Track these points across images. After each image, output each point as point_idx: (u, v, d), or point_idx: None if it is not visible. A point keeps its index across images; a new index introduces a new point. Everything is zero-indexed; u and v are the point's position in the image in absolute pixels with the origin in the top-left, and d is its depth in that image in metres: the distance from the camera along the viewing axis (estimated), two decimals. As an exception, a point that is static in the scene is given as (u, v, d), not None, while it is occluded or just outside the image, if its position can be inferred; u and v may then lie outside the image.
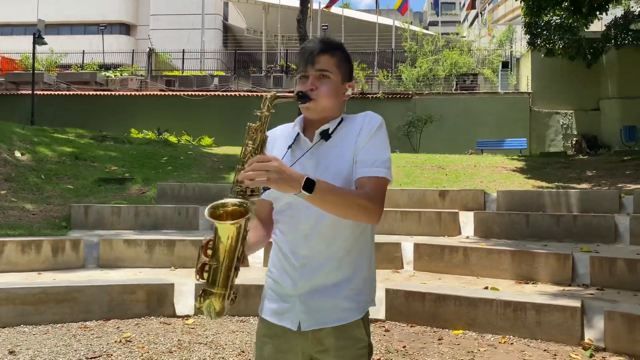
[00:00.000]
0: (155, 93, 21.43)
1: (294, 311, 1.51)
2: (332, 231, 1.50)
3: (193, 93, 20.97)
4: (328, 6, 25.36)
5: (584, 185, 8.65)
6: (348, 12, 27.69)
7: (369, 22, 26.53)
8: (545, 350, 3.80)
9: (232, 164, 10.54)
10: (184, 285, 4.86)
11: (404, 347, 3.88)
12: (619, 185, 8.25)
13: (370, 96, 19.94)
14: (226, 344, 3.92)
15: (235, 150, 12.30)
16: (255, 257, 5.91)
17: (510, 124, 18.61)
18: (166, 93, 21.31)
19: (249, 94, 21.10)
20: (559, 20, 17.20)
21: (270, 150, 1.58)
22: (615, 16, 18.13)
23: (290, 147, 1.58)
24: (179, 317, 4.61)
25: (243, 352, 3.76)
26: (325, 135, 1.54)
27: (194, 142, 16.47)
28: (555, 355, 3.70)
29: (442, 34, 26.33)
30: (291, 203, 1.52)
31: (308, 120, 1.60)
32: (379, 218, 1.47)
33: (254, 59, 28.25)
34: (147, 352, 3.71)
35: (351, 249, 1.53)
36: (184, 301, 4.76)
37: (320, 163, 1.52)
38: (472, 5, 28.41)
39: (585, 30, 17.32)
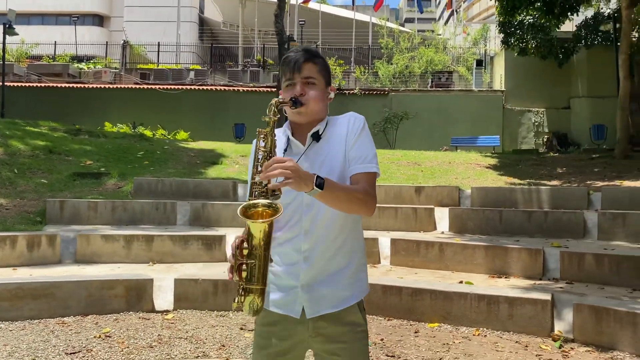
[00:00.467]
0: (129, 86, 21.13)
1: (297, 301, 1.62)
2: (329, 225, 1.64)
3: (169, 87, 20.76)
4: (305, 2, 25.35)
5: (555, 182, 8.89)
6: (325, 8, 27.75)
7: (345, 18, 26.64)
8: (517, 341, 3.94)
9: (209, 158, 10.52)
10: (163, 280, 4.87)
11: (382, 340, 3.97)
12: (588, 182, 8.52)
13: (347, 92, 20.03)
14: (206, 339, 3.95)
15: (212, 145, 12.26)
16: (234, 252, 5.94)
17: (484, 122, 18.94)
18: (141, 86, 21.04)
19: (226, 88, 20.98)
20: (532, 20, 17.56)
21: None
22: (585, 17, 18.58)
23: (285, 150, 1.69)
24: (158, 312, 4.62)
25: (223, 346, 3.80)
26: (316, 137, 1.67)
27: (169, 137, 16.33)
28: (526, 346, 3.84)
29: (418, 31, 26.57)
30: (290, 203, 1.62)
31: (295, 125, 1.71)
32: (374, 210, 1.63)
33: (230, 52, 28.09)
34: (127, 347, 3.73)
35: (346, 240, 1.67)
36: (163, 296, 4.77)
37: (315, 163, 1.64)
38: (451, 4, 28.71)
39: (557, 30, 17.73)
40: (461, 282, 4.88)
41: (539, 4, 13.98)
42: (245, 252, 1.47)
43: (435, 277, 5.12)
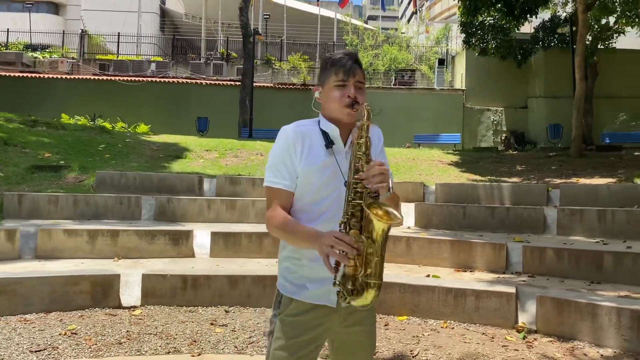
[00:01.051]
0: (88, 77, 20.53)
1: (332, 291, 1.63)
2: None
3: (129, 78, 20.27)
4: (270, -5, 25.19)
5: (515, 179, 9.17)
6: (290, 3, 27.61)
7: (310, 14, 26.61)
8: (483, 333, 4.06)
9: (172, 152, 10.34)
10: (130, 275, 4.78)
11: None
12: (546, 179, 8.82)
13: (312, 88, 20.04)
14: (177, 334, 3.90)
15: (175, 138, 12.05)
16: (202, 248, 5.89)
17: (445, 120, 19.33)
18: (100, 78, 20.47)
19: (188, 80, 20.68)
20: (493, 21, 18.01)
21: (302, 146, 1.75)
22: (543, 19, 19.21)
23: (327, 145, 1.76)
24: (125, 308, 4.53)
25: (195, 341, 3.77)
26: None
27: (129, 129, 15.95)
28: (492, 338, 3.96)
29: (382, 29, 26.80)
30: (326, 197, 1.73)
31: (341, 125, 1.78)
32: None
33: (192, 45, 27.62)
34: (95, 344, 3.64)
35: None
36: (130, 292, 4.68)
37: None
38: (416, 3, 29.05)
39: (516, 31, 18.25)
40: (428, 275, 4.98)
41: (500, 5, 14.34)
42: (370, 249, 1.53)
43: (403, 271, 5.21)
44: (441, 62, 21.12)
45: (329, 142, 1.75)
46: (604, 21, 18.37)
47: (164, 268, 5.06)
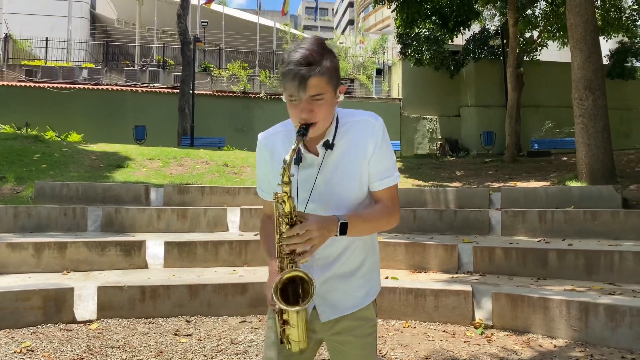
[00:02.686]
0: (13, 84, 19.40)
1: (311, 304, 1.57)
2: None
3: (60, 85, 19.35)
4: (208, 2, 24.87)
5: (456, 184, 9.56)
6: (228, 10, 27.41)
7: (249, 22, 26.51)
8: (444, 331, 4.22)
9: (113, 162, 10.00)
10: (83, 289, 4.58)
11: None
12: (486, 184, 9.26)
13: (252, 95, 19.97)
14: (141, 346, 3.79)
15: (114, 147, 11.64)
16: (155, 259, 5.74)
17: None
18: (27, 84, 19.40)
19: (123, 88, 20.01)
20: (427, 33, 18.69)
21: (272, 151, 1.63)
22: (473, 32, 20.15)
23: (297, 163, 1.56)
24: (80, 322, 4.34)
25: (161, 352, 3.67)
26: (329, 146, 1.56)
27: (61, 138, 15.21)
28: (453, 334, 4.13)
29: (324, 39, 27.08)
30: (307, 209, 1.57)
31: (307, 141, 1.56)
32: (398, 220, 1.64)
33: (125, 51, 26.80)
34: (56, 360, 3.47)
35: (358, 242, 1.64)
36: (84, 305, 4.49)
37: (333, 173, 1.58)
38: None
39: (450, 43, 19.04)
40: (387, 277, 5.10)
41: (435, 18, 14.96)
42: (284, 317, 1.51)
43: (362, 275, 5.30)
44: (379, 72, 21.66)
45: (297, 158, 1.55)
46: (528, 35, 19.54)
47: (118, 280, 4.89)
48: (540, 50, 20.28)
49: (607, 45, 19.57)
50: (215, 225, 6.91)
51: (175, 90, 19.01)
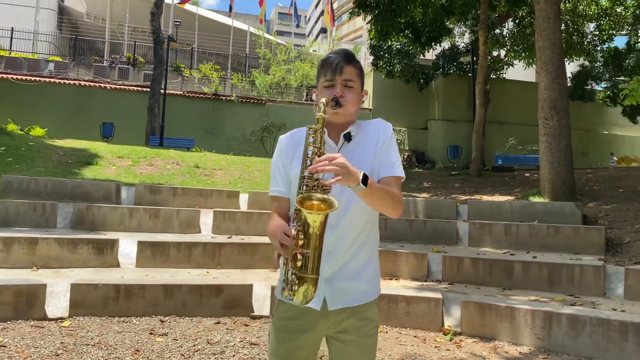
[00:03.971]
0: (-26, 73, 18.75)
1: (319, 293, 1.62)
2: (354, 221, 1.69)
3: (24, 77, 18.81)
4: (182, 2, 24.68)
5: (425, 195, 9.80)
6: (202, 12, 27.22)
7: (223, 24, 26.40)
8: (415, 336, 4.36)
9: (81, 158, 9.81)
10: (55, 286, 4.52)
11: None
12: (453, 195, 9.53)
13: (224, 98, 19.89)
14: (116, 344, 3.77)
15: (83, 144, 11.42)
16: (127, 258, 5.69)
17: (354, 136, 20.00)
18: (-10, 74, 18.79)
19: (91, 84, 19.61)
20: (400, 46, 19.08)
21: (294, 152, 1.72)
22: (443, 48, 20.67)
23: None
24: (51, 319, 4.28)
25: (138, 351, 3.67)
26: (348, 138, 1.71)
27: (22, 132, 14.80)
28: (424, 340, 4.27)
29: (295, 45, 27.26)
30: None
31: (329, 124, 1.70)
32: (401, 211, 1.71)
33: (94, 47, 26.24)
34: (30, 357, 3.43)
35: (368, 237, 1.74)
36: (56, 303, 4.43)
37: (349, 160, 1.63)
38: (333, 22, 29.81)
39: (420, 57, 19.47)
40: (360, 284, 5.21)
41: (408, 32, 15.30)
42: (300, 242, 1.48)
43: (335, 280, 5.40)
44: (350, 81, 21.91)
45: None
46: (495, 53, 20.18)
47: (90, 278, 4.84)
48: (506, 68, 20.96)
49: (569, 68, 20.38)
50: (188, 227, 6.89)
51: (145, 89, 18.76)
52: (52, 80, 19.25)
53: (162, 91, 17.35)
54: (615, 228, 6.56)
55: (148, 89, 17.59)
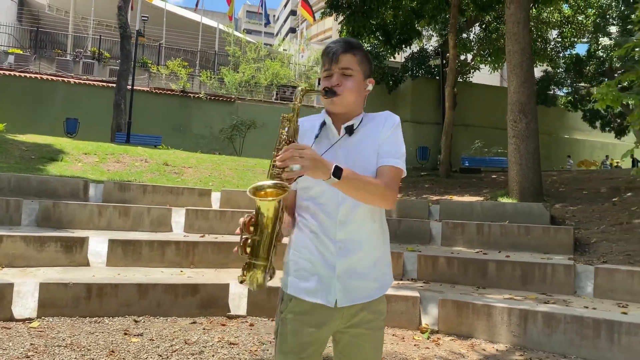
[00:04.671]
0: None
1: (331, 290, 1.63)
2: (363, 218, 1.66)
3: (-19, 69, 18.10)
4: (150, -3, 24.22)
5: (396, 195, 9.86)
6: (170, 7, 26.76)
7: (191, 21, 26.01)
8: (393, 334, 4.37)
9: (46, 154, 9.49)
10: (22, 285, 4.34)
11: (275, 339, 4.07)
12: (424, 196, 9.63)
13: (192, 95, 19.58)
14: (90, 345, 3.65)
15: (47, 139, 11.07)
16: (98, 256, 5.52)
17: (323, 136, 20.01)
18: (-56, 65, 17.99)
19: (54, 78, 19.00)
20: (370, 48, 19.19)
21: (301, 140, 1.65)
22: (412, 51, 20.91)
23: (317, 135, 1.69)
24: (18, 320, 4.11)
25: (113, 352, 3.56)
26: (350, 131, 1.68)
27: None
28: (403, 338, 4.28)
29: (265, 44, 27.09)
30: (325, 191, 1.63)
31: (332, 114, 1.71)
32: (394, 203, 1.64)
33: (56, 40, 25.47)
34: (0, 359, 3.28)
35: (378, 235, 1.72)
36: (23, 303, 4.26)
37: (349, 158, 1.65)
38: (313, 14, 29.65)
39: (391, 60, 19.65)
40: (337, 283, 5.20)
41: (379, 33, 15.41)
42: (251, 229, 1.48)
43: (312, 279, 5.37)
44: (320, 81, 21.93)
45: (318, 134, 1.69)
46: (462, 57, 20.54)
47: (60, 277, 4.67)
48: (472, 72, 21.36)
49: (533, 73, 20.98)
50: (159, 225, 6.74)
51: (110, 84, 18.32)
52: (12, 73, 18.57)
53: (129, 87, 16.95)
54: (582, 228, 6.75)
55: (114, 85, 17.17)
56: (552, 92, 22.41)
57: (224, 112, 19.30)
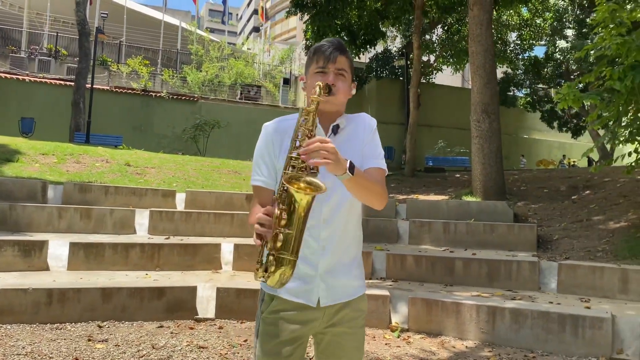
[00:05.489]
0: None
1: (314, 289, 1.64)
2: (346, 217, 1.68)
3: None
4: (109, -7, 23.58)
5: (363, 195, 9.90)
6: (131, 4, 26.10)
7: (153, 18, 25.46)
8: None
9: (5, 155, 9.10)
10: (-22, 291, 4.14)
11: (245, 340, 4.02)
12: (390, 195, 9.69)
13: (153, 94, 19.19)
14: (52, 353, 3.50)
15: (3, 139, 10.61)
16: (58, 260, 5.33)
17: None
18: None
19: (7, 75, 18.28)
20: (334, 48, 19.23)
21: (281, 142, 1.66)
22: (377, 52, 21.09)
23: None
24: (-27, 329, 3.91)
25: (77, 359, 3.42)
26: (335, 130, 1.71)
27: None
28: (374, 337, 4.28)
29: (229, 43, 26.79)
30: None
31: (320, 113, 1.63)
32: (385, 204, 1.67)
33: (9, 36, 24.52)
34: (-47, 370, 3.11)
35: (355, 234, 1.74)
36: (-21, 310, 4.05)
37: (340, 150, 1.57)
38: (265, 17, 29.52)
39: (355, 60, 19.74)
40: (306, 283, 5.16)
41: (344, 33, 15.46)
42: (283, 222, 1.41)
43: (281, 280, 5.33)
44: (286, 81, 21.87)
45: None
46: (425, 58, 20.85)
47: (19, 282, 4.47)
48: (435, 73, 21.70)
49: (493, 75, 21.47)
50: (122, 227, 6.55)
51: (68, 83, 17.75)
52: (-38, 70, 17.79)
53: (88, 86, 16.47)
54: (544, 226, 6.93)
55: (72, 83, 16.65)
56: (511, 93, 22.97)
57: (186, 112, 18.99)
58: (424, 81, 20.49)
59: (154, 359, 3.53)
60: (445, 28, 19.80)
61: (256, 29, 53.73)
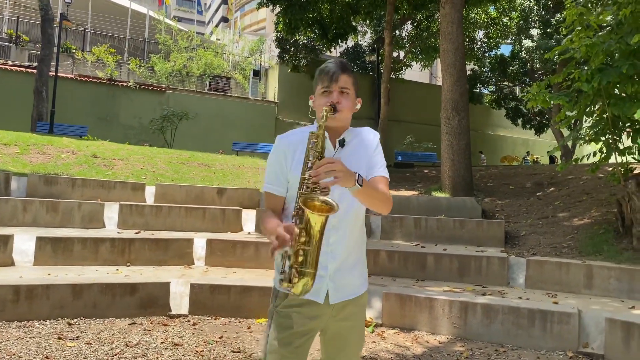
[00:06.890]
0: None
1: (322, 288, 1.80)
2: (352, 223, 1.86)
3: None
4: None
5: (334, 189, 9.93)
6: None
7: (119, 6, 24.78)
8: (339, 329, 4.39)
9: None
10: (-60, 288, 3.98)
11: (221, 337, 3.99)
12: (361, 190, 9.76)
13: (120, 84, 18.75)
14: (21, 352, 3.40)
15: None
16: (24, 255, 5.19)
17: (259, 129, 19.84)
18: None
19: (-35, 62, 17.54)
20: (306, 41, 19.20)
21: (294, 152, 1.82)
22: (347, 46, 21.15)
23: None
24: (-64, 327, 3.77)
25: (47, 358, 3.34)
26: (342, 144, 1.86)
27: None
28: (349, 332, 4.31)
29: (197, 33, 26.33)
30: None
31: (328, 129, 1.82)
32: (390, 208, 1.83)
33: (-34, 20, 23.52)
34: None
35: (359, 237, 1.93)
36: (-59, 308, 3.91)
37: (346, 163, 1.73)
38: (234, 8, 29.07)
39: (326, 54, 19.75)
40: (280, 279, 5.16)
41: (316, 27, 15.44)
42: (302, 239, 1.60)
43: (256, 275, 5.31)
44: (256, 73, 21.68)
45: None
46: (395, 54, 21.01)
47: (-17, 278, 4.33)
48: (404, 69, 21.90)
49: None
50: (91, 221, 6.41)
51: (30, 70, 17.16)
52: None
53: (52, 74, 15.95)
54: (512, 222, 7.11)
55: (34, 70, 16.10)
56: (478, 90, 23.41)
57: (154, 102, 18.63)
58: (393, 77, 20.66)
59: (128, 357, 3.48)
60: (415, 24, 19.99)
61: (225, 19, 53.01)
